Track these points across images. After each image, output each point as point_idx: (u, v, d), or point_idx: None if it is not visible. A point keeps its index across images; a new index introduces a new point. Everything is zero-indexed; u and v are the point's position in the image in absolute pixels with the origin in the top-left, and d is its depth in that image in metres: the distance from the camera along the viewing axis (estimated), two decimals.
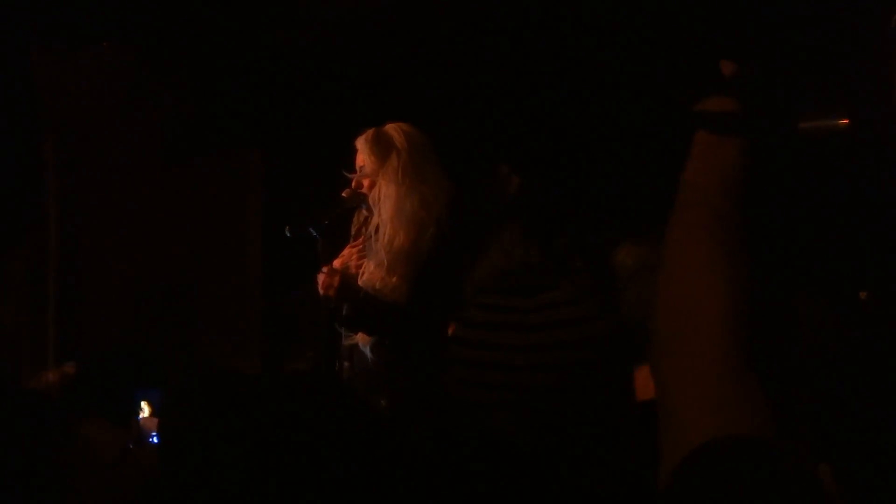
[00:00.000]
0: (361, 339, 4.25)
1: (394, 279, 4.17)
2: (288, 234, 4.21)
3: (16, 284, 6.55)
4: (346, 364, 4.29)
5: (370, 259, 4.23)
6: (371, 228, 4.27)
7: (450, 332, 1.86)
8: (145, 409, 3.20)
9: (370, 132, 4.30)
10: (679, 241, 1.46)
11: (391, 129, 4.31)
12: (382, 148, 4.26)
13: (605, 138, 5.85)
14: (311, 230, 4.21)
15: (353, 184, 4.30)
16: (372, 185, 4.27)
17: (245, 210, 6.81)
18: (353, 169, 4.33)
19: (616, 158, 5.78)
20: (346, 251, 4.32)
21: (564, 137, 6.09)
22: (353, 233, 4.40)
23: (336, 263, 4.23)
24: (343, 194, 4.29)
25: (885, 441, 1.26)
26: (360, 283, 4.22)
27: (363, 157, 4.30)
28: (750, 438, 1.29)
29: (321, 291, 4.18)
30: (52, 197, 6.60)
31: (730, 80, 1.52)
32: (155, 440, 3.12)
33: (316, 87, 6.53)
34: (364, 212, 4.33)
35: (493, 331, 1.74)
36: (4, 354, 6.29)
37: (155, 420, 3.16)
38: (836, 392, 1.31)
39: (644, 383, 1.67)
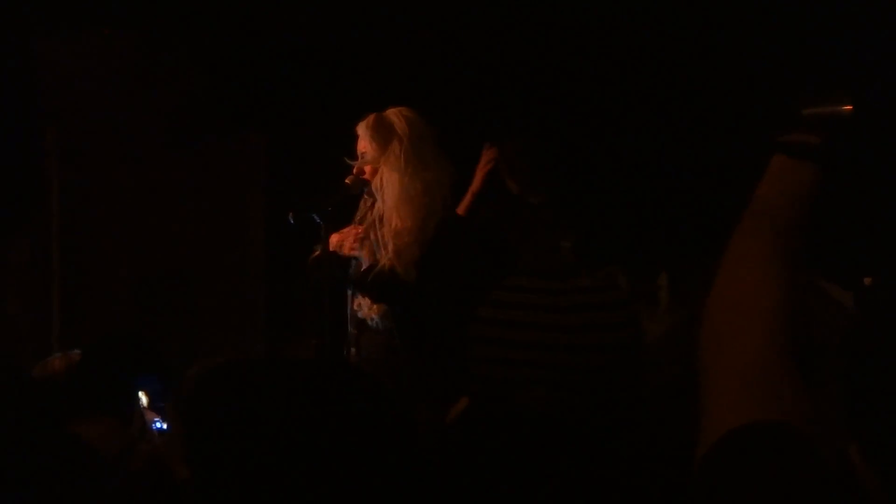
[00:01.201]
0: (372, 311, 4.24)
1: (402, 265, 4.17)
2: (291, 221, 4.21)
3: (19, 274, 6.56)
4: (352, 350, 4.29)
5: (377, 247, 4.22)
6: (375, 215, 4.26)
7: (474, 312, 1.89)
8: (143, 400, 3.19)
9: (371, 118, 4.29)
10: (742, 244, 1.55)
11: (392, 114, 4.29)
12: (384, 134, 4.24)
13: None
14: (315, 216, 4.20)
15: (355, 170, 4.29)
16: (374, 172, 4.27)
17: (248, 196, 6.81)
18: (354, 155, 4.32)
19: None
20: (347, 229, 4.32)
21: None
22: (357, 219, 4.39)
23: (333, 238, 4.22)
24: (346, 181, 4.29)
25: None
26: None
27: (364, 143, 4.29)
28: (780, 423, 1.35)
29: (331, 247, 4.19)
30: (55, 185, 6.60)
31: (818, 118, 1.63)
32: (157, 427, 3.11)
33: (319, 71, 6.52)
34: (368, 197, 4.33)
35: (526, 311, 1.78)
36: (9, 344, 6.30)
37: (152, 412, 3.15)
38: (862, 373, 1.35)
39: None
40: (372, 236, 4.27)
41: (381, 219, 4.24)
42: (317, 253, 4.17)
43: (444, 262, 4.17)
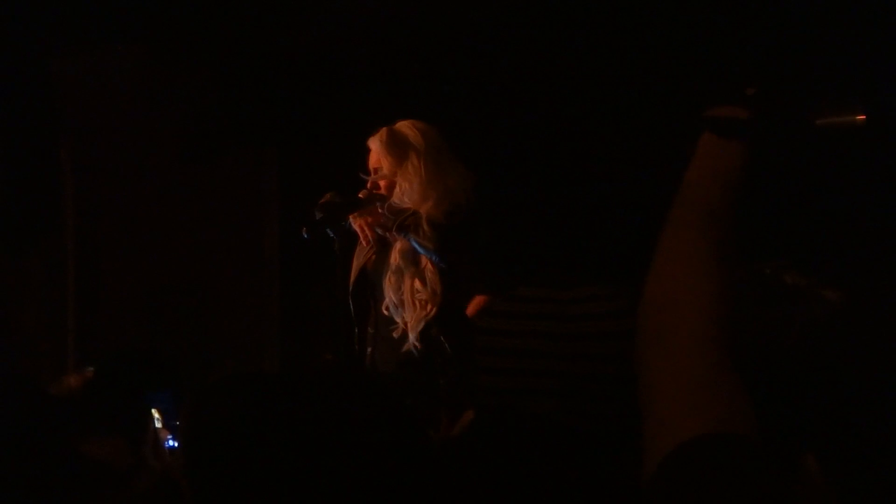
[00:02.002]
0: (408, 328, 4.20)
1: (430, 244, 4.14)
2: (305, 236, 4.20)
3: (35, 286, 6.58)
4: (367, 364, 4.28)
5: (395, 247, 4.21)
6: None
7: (477, 322, 1.89)
8: (157, 418, 3.19)
9: (383, 132, 4.26)
10: (672, 237, 1.46)
11: (405, 127, 4.27)
12: (399, 147, 4.22)
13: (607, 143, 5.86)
14: (329, 231, 4.19)
15: (369, 184, 4.28)
16: (389, 186, 4.25)
17: (262, 211, 6.82)
18: (367, 169, 4.30)
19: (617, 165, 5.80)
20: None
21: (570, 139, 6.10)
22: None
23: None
24: (360, 195, 4.27)
25: (868, 431, 1.27)
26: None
27: (378, 157, 4.26)
28: (732, 436, 1.29)
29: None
30: (71, 199, 6.63)
31: (746, 93, 1.54)
32: (169, 445, 3.11)
33: (332, 85, 6.53)
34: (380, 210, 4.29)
35: (533, 320, 1.78)
36: (25, 358, 6.32)
37: (166, 430, 3.15)
38: (820, 384, 1.33)
39: None
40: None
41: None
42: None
43: (469, 257, 4.15)
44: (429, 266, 4.16)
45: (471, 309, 4.07)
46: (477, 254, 4.15)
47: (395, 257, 4.22)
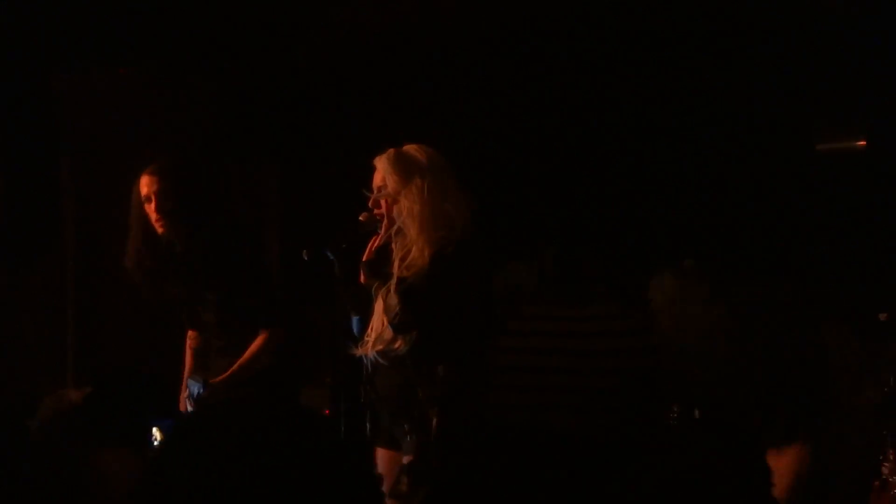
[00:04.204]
0: (396, 345, 4.20)
1: (407, 299, 4.15)
2: (305, 258, 4.20)
3: (35, 306, 6.58)
4: (367, 388, 4.27)
5: (391, 280, 4.21)
6: (395, 248, 4.22)
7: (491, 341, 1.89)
8: (157, 436, 3.19)
9: (391, 152, 4.27)
10: None
11: (413, 150, 4.29)
12: (405, 168, 4.23)
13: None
14: (328, 254, 4.20)
15: (371, 202, 4.28)
16: (390, 206, 4.25)
17: (263, 227, 6.81)
18: (369, 189, 4.31)
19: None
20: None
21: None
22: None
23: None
24: (360, 217, 4.28)
25: None
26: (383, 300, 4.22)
27: (383, 176, 4.27)
28: None
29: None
30: (71, 214, 6.63)
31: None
32: None
33: (333, 103, 6.54)
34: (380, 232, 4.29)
35: (550, 338, 1.79)
36: (25, 374, 6.32)
37: None
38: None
39: None
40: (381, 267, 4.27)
41: (398, 251, 4.22)
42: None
43: (463, 290, 4.15)
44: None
45: None
46: (462, 307, 4.15)
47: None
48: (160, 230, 4.91)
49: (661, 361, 1.84)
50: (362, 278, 4.29)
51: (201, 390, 4.97)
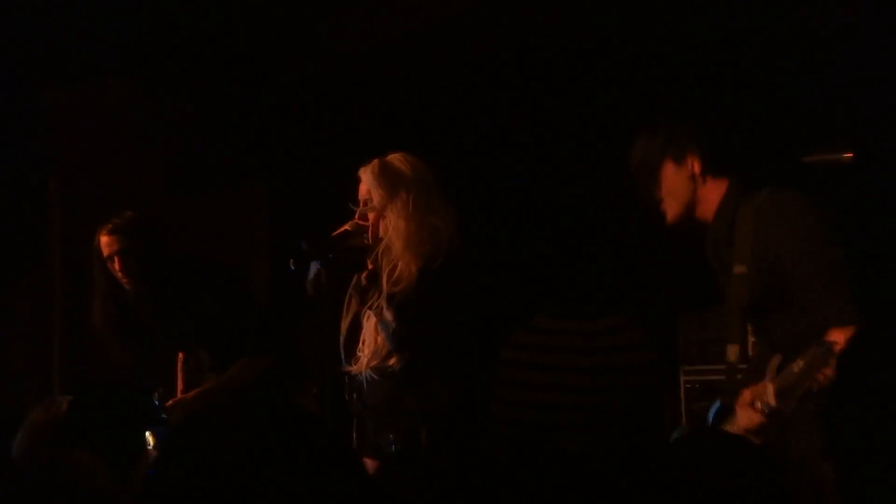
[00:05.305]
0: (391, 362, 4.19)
1: (394, 312, 4.14)
2: (292, 268, 4.18)
3: (22, 319, 6.56)
4: (353, 397, 4.26)
5: (382, 297, 4.19)
6: (382, 264, 4.21)
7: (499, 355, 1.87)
8: (150, 441, 3.18)
9: (375, 163, 4.25)
10: None
11: (397, 160, 4.26)
12: (390, 180, 4.21)
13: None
14: (316, 263, 4.18)
15: (357, 216, 4.27)
16: (377, 217, 4.24)
17: (251, 243, 6.81)
18: (356, 200, 4.30)
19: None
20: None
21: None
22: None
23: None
24: (347, 227, 4.27)
25: (881, 441, 1.30)
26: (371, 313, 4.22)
27: (369, 189, 4.26)
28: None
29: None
30: (58, 231, 6.61)
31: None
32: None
33: (322, 121, 6.55)
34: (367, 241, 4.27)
35: (556, 354, 1.76)
36: (12, 392, 6.29)
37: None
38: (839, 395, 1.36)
39: None
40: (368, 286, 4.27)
41: (385, 267, 4.21)
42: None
43: (449, 305, 4.15)
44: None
45: None
46: (451, 317, 4.15)
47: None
48: (128, 287, 4.91)
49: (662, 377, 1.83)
50: (358, 298, 4.29)
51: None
